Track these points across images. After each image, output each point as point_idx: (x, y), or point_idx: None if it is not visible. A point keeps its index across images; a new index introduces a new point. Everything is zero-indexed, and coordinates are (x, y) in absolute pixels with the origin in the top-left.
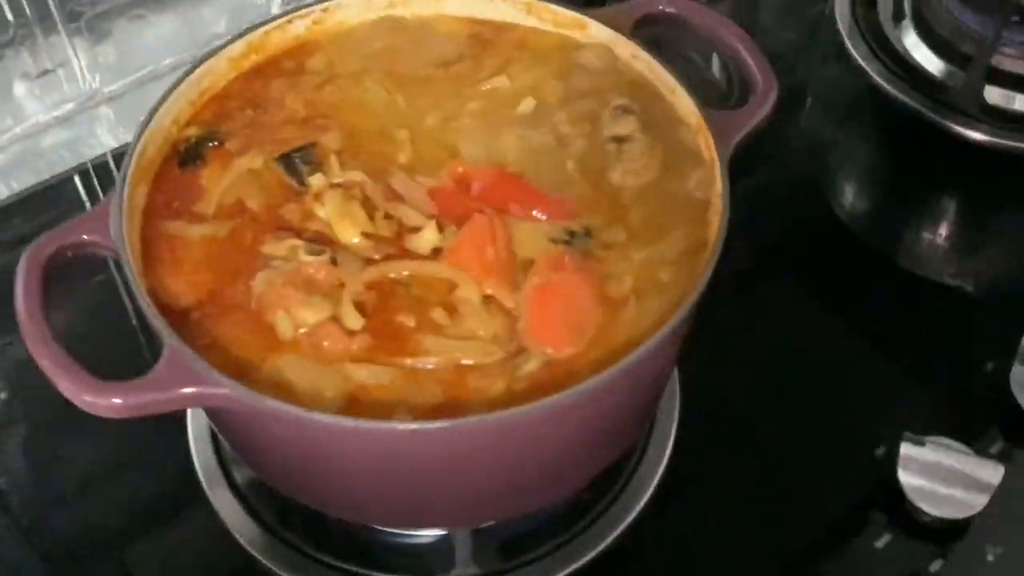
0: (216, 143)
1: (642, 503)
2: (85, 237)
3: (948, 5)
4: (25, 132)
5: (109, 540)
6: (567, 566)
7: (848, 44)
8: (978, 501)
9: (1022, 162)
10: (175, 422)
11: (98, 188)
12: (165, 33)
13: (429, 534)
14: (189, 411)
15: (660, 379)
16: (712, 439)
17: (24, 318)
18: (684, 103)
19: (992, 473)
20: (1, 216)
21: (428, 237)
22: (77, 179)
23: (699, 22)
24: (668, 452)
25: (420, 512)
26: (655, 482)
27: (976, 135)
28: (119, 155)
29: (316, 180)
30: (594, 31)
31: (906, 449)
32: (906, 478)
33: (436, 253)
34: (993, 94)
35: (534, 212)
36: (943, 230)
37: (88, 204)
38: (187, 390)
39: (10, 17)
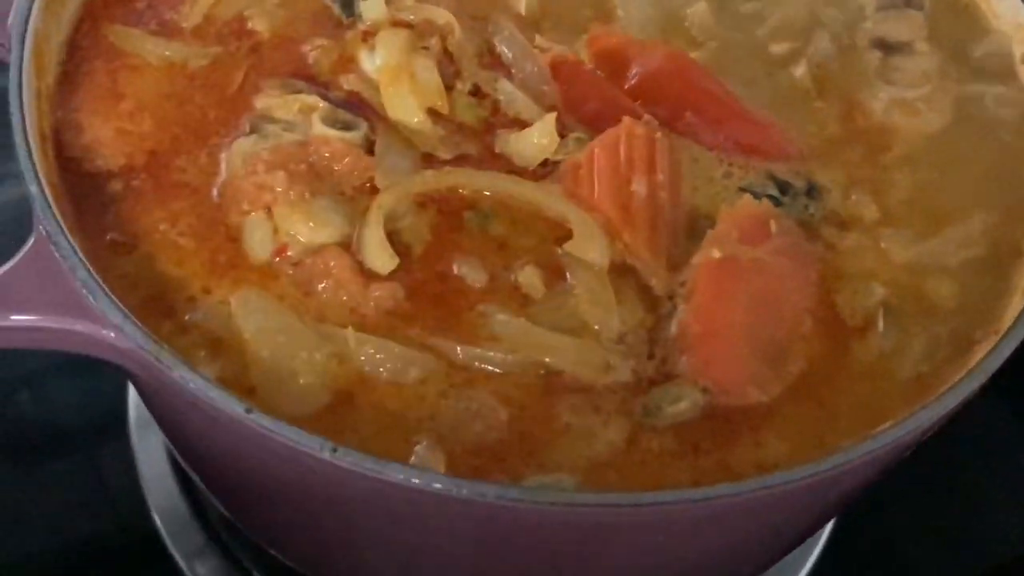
0: None
1: None
2: None
3: None
4: None
5: None
6: None
7: None
8: None
9: None
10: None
11: None
12: None
13: None
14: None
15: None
16: None
17: None
18: (1007, 7)
19: None
20: None
21: (538, 140)
22: None
23: None
24: None
25: None
26: None
27: None
28: None
29: (372, 7)
30: None
31: None
32: None
33: (546, 169)
34: None
35: (726, 136)
36: None
37: None
38: (40, 320)
39: None
